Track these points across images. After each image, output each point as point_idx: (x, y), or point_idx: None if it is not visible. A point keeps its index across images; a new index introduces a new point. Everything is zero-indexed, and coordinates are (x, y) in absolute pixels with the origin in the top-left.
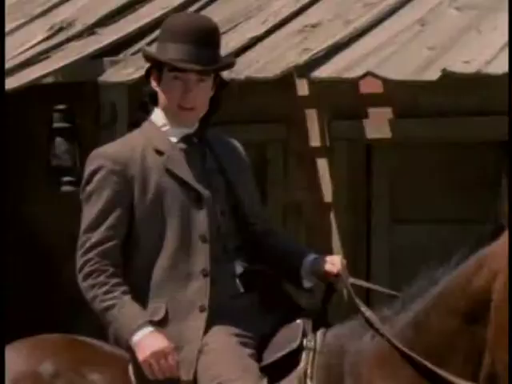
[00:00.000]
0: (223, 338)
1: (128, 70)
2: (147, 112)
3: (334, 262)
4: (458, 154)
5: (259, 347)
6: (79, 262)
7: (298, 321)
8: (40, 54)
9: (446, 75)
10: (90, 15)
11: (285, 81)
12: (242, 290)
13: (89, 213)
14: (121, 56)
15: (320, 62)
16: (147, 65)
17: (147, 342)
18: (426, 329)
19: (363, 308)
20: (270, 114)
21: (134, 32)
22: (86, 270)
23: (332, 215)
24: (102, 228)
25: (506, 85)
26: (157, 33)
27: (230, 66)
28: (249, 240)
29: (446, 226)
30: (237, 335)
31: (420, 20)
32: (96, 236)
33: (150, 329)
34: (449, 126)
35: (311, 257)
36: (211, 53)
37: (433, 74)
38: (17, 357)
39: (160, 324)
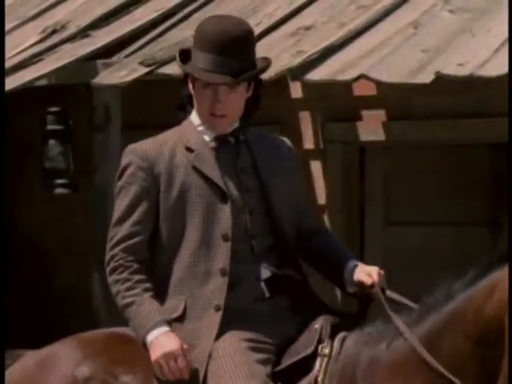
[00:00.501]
0: (233, 343)
1: (121, 72)
2: (186, 112)
3: (370, 274)
4: (452, 156)
5: (282, 351)
6: (107, 256)
7: (317, 325)
8: (33, 56)
9: (440, 78)
10: (84, 17)
11: (279, 83)
12: (267, 293)
13: (118, 207)
14: (114, 58)
15: (314, 64)
16: (141, 67)
17: (159, 342)
18: (437, 346)
19: (393, 316)
20: (263, 116)
21: (128, 34)
22: (112, 265)
23: (325, 217)
24: (128, 223)
25: (500, 87)
26: (152, 35)
27: (260, 72)
28: (282, 241)
29: (439, 229)
30: (249, 340)
31: (413, 23)
32: (122, 231)
33: (164, 328)
34: (442, 128)
35: (352, 264)
36: (241, 62)
37: (426, 77)
38: (61, 354)
39: (178, 321)
